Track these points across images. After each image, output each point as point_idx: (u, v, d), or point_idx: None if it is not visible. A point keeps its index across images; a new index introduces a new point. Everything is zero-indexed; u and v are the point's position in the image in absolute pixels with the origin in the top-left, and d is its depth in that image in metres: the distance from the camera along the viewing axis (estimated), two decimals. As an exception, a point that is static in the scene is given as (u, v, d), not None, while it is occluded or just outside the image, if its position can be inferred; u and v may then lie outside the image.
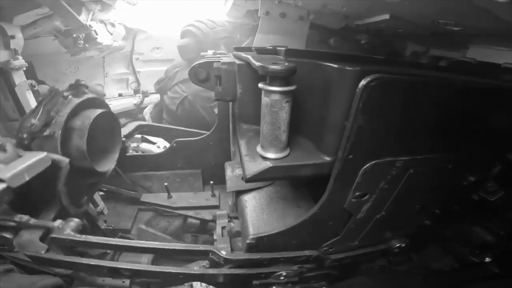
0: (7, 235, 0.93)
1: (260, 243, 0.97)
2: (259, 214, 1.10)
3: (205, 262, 1.12)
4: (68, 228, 0.97)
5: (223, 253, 0.96)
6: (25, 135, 1.00)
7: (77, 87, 1.19)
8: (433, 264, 1.46)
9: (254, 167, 0.73)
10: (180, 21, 2.75)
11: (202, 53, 1.47)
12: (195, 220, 1.64)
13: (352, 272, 1.28)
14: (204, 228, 1.67)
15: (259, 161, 0.75)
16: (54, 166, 0.99)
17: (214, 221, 1.57)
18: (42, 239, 0.97)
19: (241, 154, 0.81)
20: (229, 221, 1.28)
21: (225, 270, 1.00)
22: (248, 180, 0.73)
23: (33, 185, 0.91)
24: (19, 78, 1.95)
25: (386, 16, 1.53)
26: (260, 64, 0.65)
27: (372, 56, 0.97)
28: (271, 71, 0.62)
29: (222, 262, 0.97)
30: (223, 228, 1.26)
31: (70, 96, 1.14)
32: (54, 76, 3.01)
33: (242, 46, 2.17)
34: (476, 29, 1.31)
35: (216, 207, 1.63)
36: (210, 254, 0.97)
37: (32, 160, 0.91)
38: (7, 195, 0.84)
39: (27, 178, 0.88)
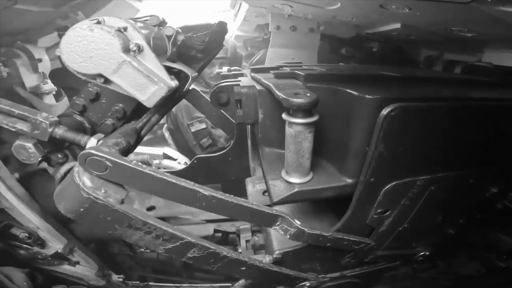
0: (26, 143, 0.67)
1: (286, 258, 1.02)
2: (282, 228, 1.14)
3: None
4: (111, 146, 0.67)
5: (298, 222, 0.80)
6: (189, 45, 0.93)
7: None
8: (460, 270, 1.45)
9: (280, 192, 0.78)
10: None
11: (217, 70, 1.53)
12: (217, 233, 1.70)
13: (374, 280, 1.29)
14: (226, 240, 1.72)
15: (285, 186, 0.79)
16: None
17: (235, 233, 1.62)
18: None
19: (266, 178, 0.86)
20: (252, 235, 1.33)
21: (276, 267, 0.93)
22: (275, 204, 0.78)
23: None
24: (49, 102, 2.06)
25: (397, 25, 1.54)
26: (283, 96, 0.70)
27: (388, 74, 0.99)
28: (295, 104, 0.67)
29: (288, 236, 0.84)
30: (247, 241, 1.31)
31: (222, 40, 1.13)
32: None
33: (255, 60, 2.23)
34: (490, 35, 1.30)
35: (237, 219, 1.68)
36: (280, 221, 0.80)
37: (192, 74, 0.86)
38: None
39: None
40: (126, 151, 0.75)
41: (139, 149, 2.62)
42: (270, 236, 1.11)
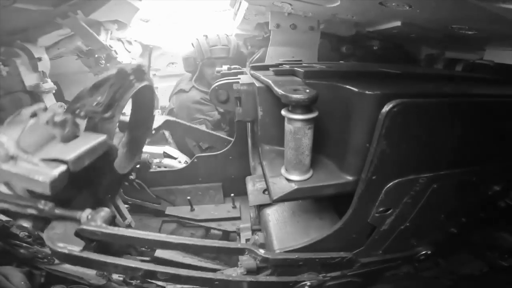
0: (26, 224, 0.83)
1: (287, 257, 1.01)
2: (282, 227, 1.13)
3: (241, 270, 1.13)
4: (98, 219, 0.85)
5: (261, 251, 0.90)
6: (87, 113, 0.91)
7: (140, 72, 1.12)
8: (462, 269, 1.44)
9: (279, 189, 0.77)
10: (192, 35, 2.84)
11: (217, 69, 1.52)
12: (218, 232, 1.69)
13: (375, 279, 1.29)
14: (226, 239, 1.72)
15: (284, 183, 0.79)
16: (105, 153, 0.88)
17: (236, 232, 1.62)
18: (78, 234, 0.87)
19: (266, 176, 0.85)
20: (252, 234, 1.32)
21: (250, 277, 0.98)
22: (275, 201, 0.77)
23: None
24: (49, 101, 2.06)
25: (398, 23, 1.53)
26: (282, 92, 0.69)
27: (389, 71, 0.98)
28: (294, 100, 0.66)
29: (258, 262, 0.93)
30: (247, 240, 1.30)
31: (134, 81, 1.07)
32: (79, 96, 3.15)
33: (255, 59, 2.22)
34: (491, 32, 1.29)
35: (238, 218, 1.68)
36: (247, 252, 0.92)
37: (93, 143, 0.80)
38: (62, 181, 0.73)
39: (86, 163, 0.77)
40: (111, 218, 0.93)
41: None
42: (270, 235, 1.11)
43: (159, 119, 1.79)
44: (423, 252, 1.12)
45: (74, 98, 0.97)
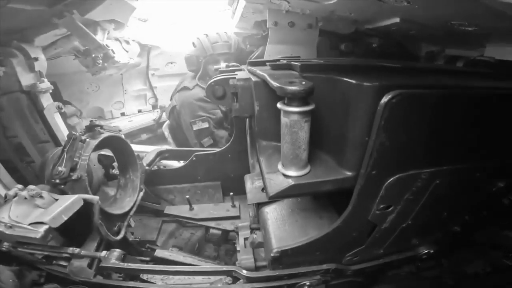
0: (63, 263, 1.13)
1: (284, 256, 0.98)
2: (281, 225, 1.11)
3: (228, 279, 1.16)
4: (112, 258, 1.14)
5: (244, 272, 1.04)
6: (57, 181, 1.14)
7: (92, 129, 1.30)
8: (465, 269, 1.41)
9: (276, 185, 0.75)
10: (191, 34, 2.83)
11: (215, 66, 1.51)
12: (217, 231, 1.67)
13: (377, 279, 1.26)
14: (226, 238, 1.70)
15: (281, 179, 0.76)
16: (87, 204, 1.11)
17: (235, 231, 1.60)
18: (89, 266, 1.12)
19: (263, 172, 0.83)
20: (251, 233, 1.30)
21: (248, 286, 1.04)
22: (271, 198, 0.75)
23: (74, 221, 1.05)
24: (46, 101, 2.03)
25: (397, 20, 1.51)
26: (277, 85, 0.67)
27: (388, 65, 0.96)
28: (289, 92, 0.64)
29: (245, 280, 1.02)
30: (245, 239, 1.27)
31: (87, 139, 1.23)
32: (78, 96, 3.15)
33: (254, 57, 2.21)
34: (492, 28, 1.27)
35: (237, 217, 1.66)
36: (233, 273, 1.06)
37: (67, 203, 1.04)
38: (51, 233, 0.99)
39: (64, 219, 1.01)
40: (123, 256, 1.17)
41: (140, 148, 2.60)
42: (269, 233, 1.09)
43: (149, 154, 1.86)
44: (426, 251, 1.10)
45: (50, 167, 1.20)
